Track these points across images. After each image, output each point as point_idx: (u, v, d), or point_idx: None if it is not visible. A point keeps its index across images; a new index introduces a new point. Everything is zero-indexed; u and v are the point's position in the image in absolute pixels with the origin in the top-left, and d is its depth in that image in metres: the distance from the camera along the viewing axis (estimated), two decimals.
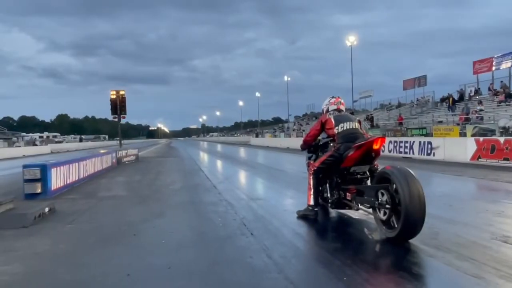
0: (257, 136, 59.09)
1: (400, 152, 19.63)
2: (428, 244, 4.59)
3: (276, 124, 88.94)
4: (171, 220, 6.46)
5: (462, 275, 3.73)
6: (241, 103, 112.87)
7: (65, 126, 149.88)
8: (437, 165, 15.04)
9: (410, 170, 4.50)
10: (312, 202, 5.30)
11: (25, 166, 9.05)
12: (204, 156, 28.17)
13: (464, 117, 24.16)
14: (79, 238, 5.51)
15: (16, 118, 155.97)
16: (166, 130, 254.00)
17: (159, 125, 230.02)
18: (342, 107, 5.49)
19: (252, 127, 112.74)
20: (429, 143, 17.92)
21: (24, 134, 70.38)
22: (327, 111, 5.46)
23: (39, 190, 8.91)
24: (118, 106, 23.47)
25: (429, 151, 17.75)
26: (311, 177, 5.23)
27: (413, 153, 18.73)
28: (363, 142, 4.62)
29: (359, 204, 4.79)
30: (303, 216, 5.61)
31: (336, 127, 5.03)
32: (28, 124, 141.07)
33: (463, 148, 15.86)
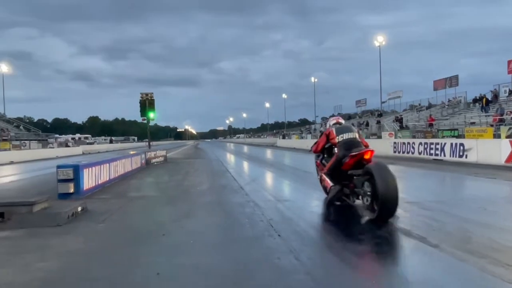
0: (283, 137, 58.90)
1: (431, 154, 19.14)
2: (461, 248, 4.48)
3: (302, 126, 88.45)
4: (199, 221, 6.53)
5: (498, 281, 3.62)
6: (267, 104, 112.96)
7: (96, 128, 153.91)
8: (470, 167, 14.58)
9: (387, 165, 5.58)
10: (331, 183, 6.36)
11: (59, 167, 9.33)
12: (230, 158, 28.30)
13: (498, 118, 23.38)
14: (110, 237, 5.66)
15: (50, 120, 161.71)
16: (193, 131, 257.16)
17: (187, 127, 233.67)
18: (341, 120, 6.99)
19: (278, 128, 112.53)
20: (461, 144, 17.36)
21: (57, 135, 72.50)
22: (330, 125, 6.91)
23: (72, 190, 9.17)
24: (147, 107, 23.95)
25: (461, 153, 17.22)
26: (322, 173, 6.63)
27: (444, 155, 18.24)
28: (356, 153, 5.76)
29: (355, 198, 5.95)
30: (332, 200, 6.52)
31: (337, 137, 6.23)
32: (61, 126, 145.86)
33: (497, 150, 15.29)
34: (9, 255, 4.84)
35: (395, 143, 23.18)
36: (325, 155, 6.77)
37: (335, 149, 6.20)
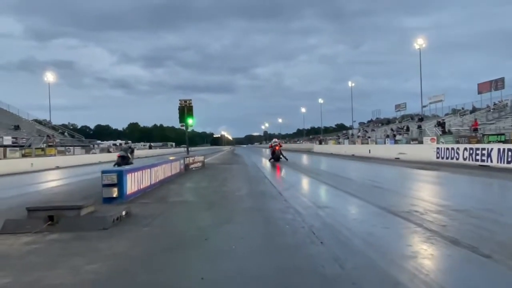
0: (320, 143, 58.32)
1: (476, 160, 18.33)
2: None
3: (339, 131, 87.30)
4: (240, 226, 6.56)
5: None
6: (303, 109, 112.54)
7: (136, 134, 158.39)
8: None
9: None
10: (270, 156, 26.08)
11: (103, 172, 9.66)
12: (267, 163, 28.38)
13: None
14: (154, 241, 5.77)
15: (92, 126, 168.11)
16: (229, 137, 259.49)
17: (223, 133, 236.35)
18: (276, 141, 28.06)
19: (314, 134, 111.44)
20: (510, 150, 16.60)
21: (99, 141, 74.98)
22: (273, 142, 27.69)
23: (116, 194, 9.45)
24: (186, 114, 24.43)
25: (509, 159, 16.42)
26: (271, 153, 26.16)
27: (491, 161, 17.42)
28: (273, 148, 26.37)
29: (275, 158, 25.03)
30: (271, 159, 26.05)
31: (272, 146, 26.98)
32: (103, 133, 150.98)
33: None
34: (59, 256, 5.01)
35: (438, 148, 22.42)
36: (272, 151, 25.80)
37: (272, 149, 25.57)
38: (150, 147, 71.04)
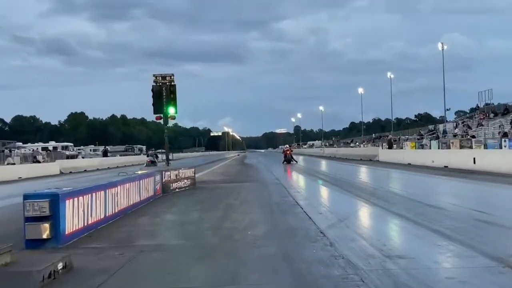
0: (389, 146, 57.78)
1: None
2: None
3: (422, 126, 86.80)
4: None
5: None
6: (361, 90, 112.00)
7: (81, 131, 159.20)
8: None
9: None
10: (283, 159, 50.65)
11: (27, 197, 9.64)
12: (298, 179, 28.28)
13: None
14: None
15: (8, 119, 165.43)
16: (237, 136, 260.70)
17: (226, 129, 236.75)
18: (287, 146, 57.90)
19: (380, 131, 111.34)
20: None
21: (20, 144, 73.86)
22: (285, 147, 57.88)
23: (47, 235, 9.44)
24: (164, 99, 24.54)
25: None
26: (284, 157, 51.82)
27: None
28: (284, 152, 53.18)
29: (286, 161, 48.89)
30: (284, 161, 49.52)
31: (284, 150, 55.01)
32: (26, 129, 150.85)
33: None
34: None
35: None
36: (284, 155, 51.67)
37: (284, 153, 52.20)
38: (105, 154, 70.89)
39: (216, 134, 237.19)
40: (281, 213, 13.79)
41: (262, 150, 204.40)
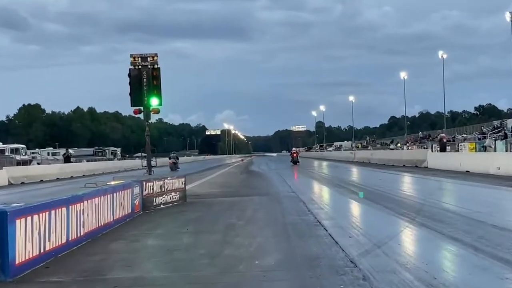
0: (441, 148, 57.62)
1: None
2: None
3: (485, 122, 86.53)
4: None
5: None
6: (403, 75, 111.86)
7: (36, 129, 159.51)
8: None
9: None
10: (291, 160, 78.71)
11: None
12: (322, 193, 28.43)
13: None
14: None
15: None
16: (241, 136, 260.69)
17: (227, 126, 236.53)
18: (294, 149, 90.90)
19: (429, 128, 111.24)
20: None
21: None
22: (292, 150, 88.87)
23: None
24: (145, 86, 24.52)
25: None
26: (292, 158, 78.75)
27: None
28: (291, 154, 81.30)
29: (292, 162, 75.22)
30: (292, 162, 76.35)
31: (292, 152, 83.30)
32: None
33: None
34: None
35: None
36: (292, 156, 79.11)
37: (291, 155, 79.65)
38: (67, 159, 70.69)
39: (213, 132, 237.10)
40: (299, 236, 13.74)
41: (274, 154, 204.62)
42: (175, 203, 22.21)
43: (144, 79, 24.63)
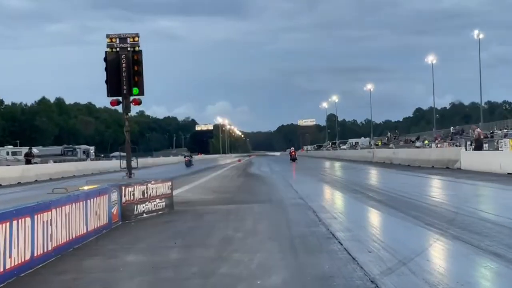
0: (477, 146, 57.39)
1: None
2: None
3: None
4: None
5: None
6: (431, 59, 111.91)
7: None
8: None
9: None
10: (290, 158, 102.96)
11: None
12: (335, 199, 28.68)
13: None
14: None
15: None
16: (238, 131, 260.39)
17: (221, 121, 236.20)
18: (292, 148, 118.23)
19: (462, 122, 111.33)
20: None
21: None
22: (290, 150, 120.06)
23: None
24: (124, 73, 24.52)
25: None
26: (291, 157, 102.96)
27: None
28: (290, 153, 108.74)
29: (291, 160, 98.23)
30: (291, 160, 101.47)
31: (290, 151, 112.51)
32: None
33: None
34: None
35: None
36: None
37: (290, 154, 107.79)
38: (29, 159, 70.50)
39: (204, 128, 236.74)
40: (308, 251, 13.74)
41: (277, 153, 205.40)
42: (160, 212, 22.26)
43: (123, 64, 24.56)
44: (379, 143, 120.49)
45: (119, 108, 25.61)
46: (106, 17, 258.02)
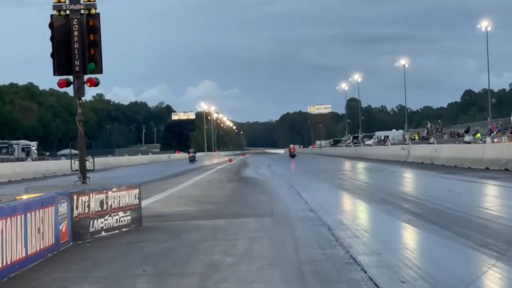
0: None
1: None
2: None
3: None
4: None
5: None
6: (484, 25, 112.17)
7: None
8: None
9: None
10: (289, 155, 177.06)
11: None
12: (357, 211, 28.99)
13: None
14: None
15: None
16: (228, 122, 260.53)
17: (206, 107, 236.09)
18: (291, 146, 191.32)
19: None
20: None
21: None
22: (290, 147, 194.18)
23: None
24: (77, 45, 24.50)
25: None
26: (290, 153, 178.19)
27: None
28: (290, 149, 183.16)
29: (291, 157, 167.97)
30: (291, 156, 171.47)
31: (290, 148, 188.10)
32: None
33: None
34: None
35: None
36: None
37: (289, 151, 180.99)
38: None
39: (183, 117, 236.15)
40: (322, 281, 13.61)
41: (280, 151, 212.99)
42: (124, 229, 22.13)
43: (74, 32, 24.53)
44: (416, 137, 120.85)
45: (70, 90, 25.60)
46: None
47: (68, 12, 24.46)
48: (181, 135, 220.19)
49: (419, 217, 24.71)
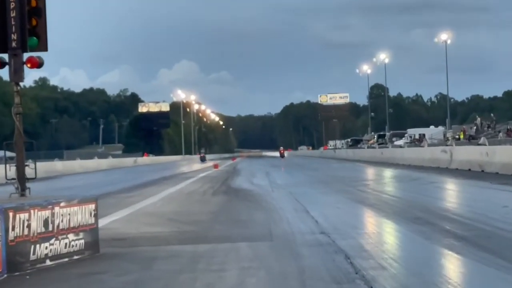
0: None
1: None
2: None
3: None
4: None
5: None
6: None
7: None
8: None
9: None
10: (280, 155, 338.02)
11: None
12: (384, 233, 28.76)
13: None
14: None
15: None
16: (213, 116, 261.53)
17: (183, 96, 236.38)
18: (281, 148, 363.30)
19: None
20: None
21: None
22: (280, 149, 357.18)
23: None
24: (15, 12, 24.54)
25: None
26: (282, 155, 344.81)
27: None
28: (280, 151, 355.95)
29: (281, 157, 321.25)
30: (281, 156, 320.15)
31: (281, 150, 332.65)
32: None
33: None
34: None
35: None
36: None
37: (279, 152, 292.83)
38: None
39: (155, 109, 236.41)
40: None
41: (285, 154, 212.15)
42: (76, 257, 21.98)
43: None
44: (461, 136, 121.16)
45: (4, 73, 25.64)
46: None
47: None
48: (151, 133, 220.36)
49: (465, 241, 24.75)
